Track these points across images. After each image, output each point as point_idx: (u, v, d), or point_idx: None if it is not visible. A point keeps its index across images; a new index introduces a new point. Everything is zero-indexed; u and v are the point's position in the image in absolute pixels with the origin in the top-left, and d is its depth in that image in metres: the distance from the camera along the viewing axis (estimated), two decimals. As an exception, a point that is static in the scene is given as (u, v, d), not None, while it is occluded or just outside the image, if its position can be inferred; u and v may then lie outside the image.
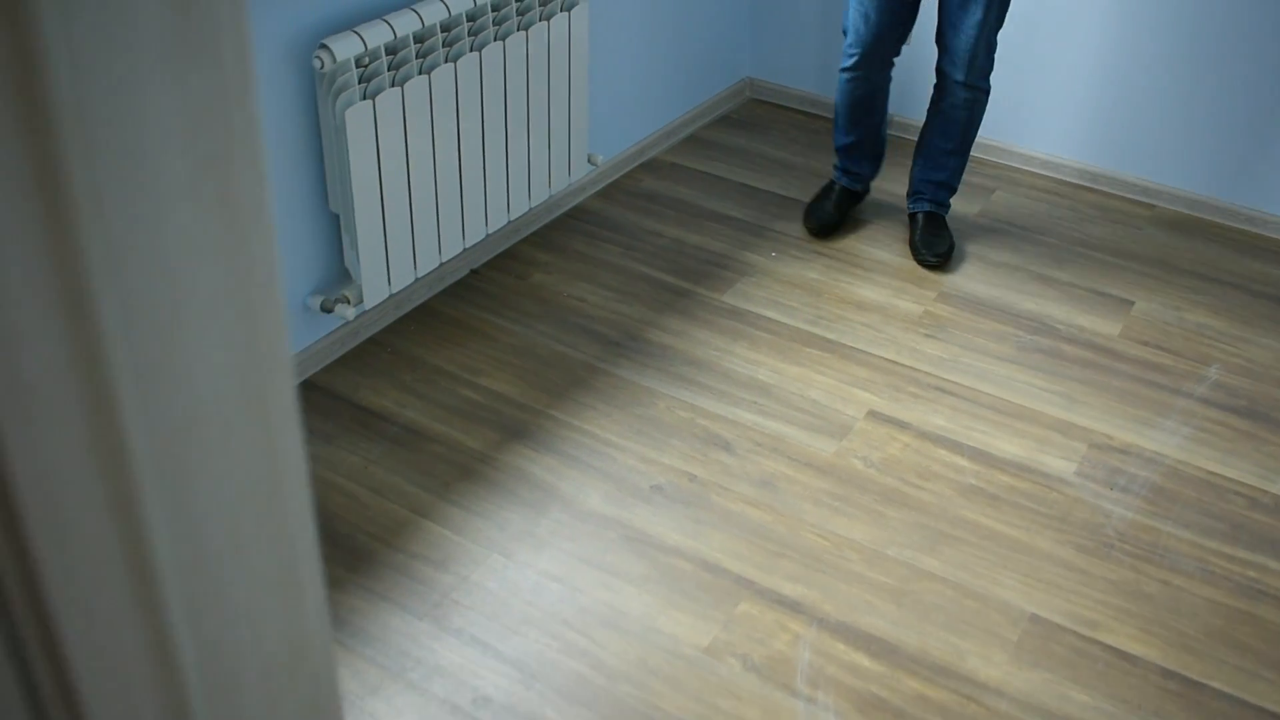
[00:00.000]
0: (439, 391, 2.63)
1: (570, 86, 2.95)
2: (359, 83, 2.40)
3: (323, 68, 2.32)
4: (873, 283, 3.04)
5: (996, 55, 2.99)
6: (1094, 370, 2.76)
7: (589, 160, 3.15)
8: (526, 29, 2.75)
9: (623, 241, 3.17)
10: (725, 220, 3.29)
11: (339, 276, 2.66)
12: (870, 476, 2.44)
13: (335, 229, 2.61)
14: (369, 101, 2.40)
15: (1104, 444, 2.55)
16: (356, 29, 2.37)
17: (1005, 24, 2.96)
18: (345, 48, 2.33)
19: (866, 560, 2.25)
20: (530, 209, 3.00)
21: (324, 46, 2.31)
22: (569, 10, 2.85)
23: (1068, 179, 3.55)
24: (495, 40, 2.69)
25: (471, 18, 2.62)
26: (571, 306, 2.91)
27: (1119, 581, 2.23)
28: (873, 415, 2.60)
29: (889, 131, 3.41)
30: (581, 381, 2.67)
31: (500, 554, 2.23)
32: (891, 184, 3.42)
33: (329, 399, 2.60)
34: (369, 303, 2.60)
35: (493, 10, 2.67)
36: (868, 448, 2.51)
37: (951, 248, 3.13)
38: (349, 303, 2.60)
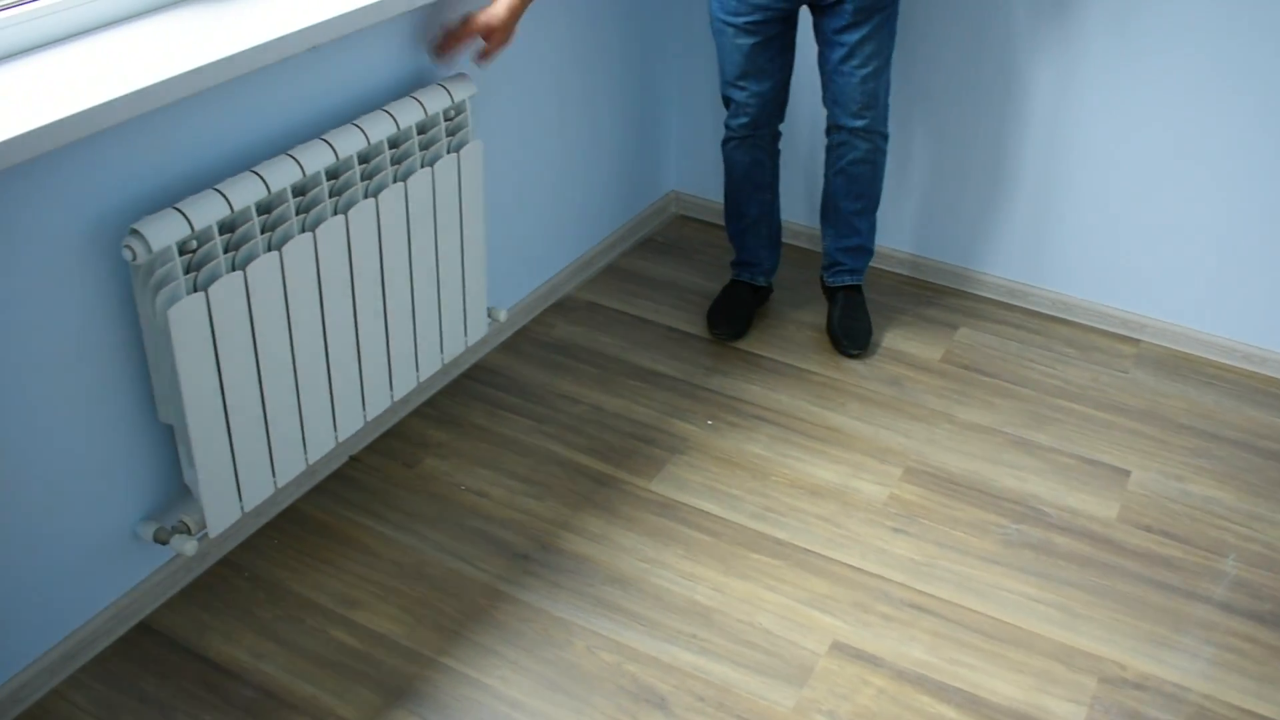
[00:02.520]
0: (305, 634, 2.13)
1: (464, 239, 2.47)
2: (186, 272, 1.91)
3: (135, 259, 1.83)
4: (827, 457, 2.58)
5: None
6: (1093, 570, 2.32)
7: (489, 315, 2.67)
8: (405, 179, 2.27)
9: (532, 411, 2.69)
10: (651, 378, 2.82)
11: (178, 495, 2.16)
12: (839, 741, 1.97)
13: (170, 440, 2.11)
14: (200, 294, 1.91)
15: (1115, 676, 2.10)
16: (179, 205, 1.87)
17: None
18: (163, 232, 1.84)
19: None
20: (419, 384, 2.51)
21: (135, 233, 1.82)
22: (457, 151, 2.38)
23: (1038, 309, 3.13)
24: (366, 197, 2.21)
25: (333, 174, 2.14)
26: (469, 504, 2.42)
27: None
28: (838, 649, 2.13)
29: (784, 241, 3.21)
30: (481, 614, 2.18)
31: None
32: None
33: (168, 650, 2.09)
34: (215, 529, 2.09)
35: (361, 163, 2.19)
36: (834, 697, 2.04)
37: (870, 331, 2.95)
38: (188, 531, 2.10)
